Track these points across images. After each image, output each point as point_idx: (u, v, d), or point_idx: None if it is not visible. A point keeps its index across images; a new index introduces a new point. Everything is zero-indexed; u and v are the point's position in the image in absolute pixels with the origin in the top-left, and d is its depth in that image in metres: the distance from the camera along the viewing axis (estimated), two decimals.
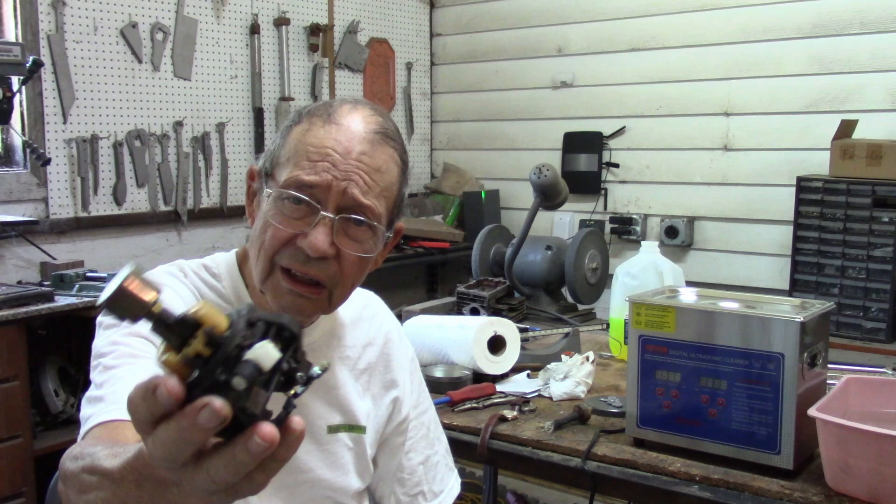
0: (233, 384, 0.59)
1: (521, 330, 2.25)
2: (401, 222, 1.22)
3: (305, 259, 1.08)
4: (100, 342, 1.10)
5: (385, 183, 1.13)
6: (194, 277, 1.20)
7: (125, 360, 1.05)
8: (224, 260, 1.23)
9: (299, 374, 0.64)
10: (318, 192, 1.08)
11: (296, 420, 0.63)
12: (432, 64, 5.06)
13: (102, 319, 1.12)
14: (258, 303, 1.20)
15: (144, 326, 0.63)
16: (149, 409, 0.60)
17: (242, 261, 1.23)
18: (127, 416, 0.80)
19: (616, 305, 2.23)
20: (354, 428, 1.25)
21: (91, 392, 1.05)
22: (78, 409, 1.09)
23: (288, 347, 0.63)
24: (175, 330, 0.61)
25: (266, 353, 0.60)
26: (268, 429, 0.60)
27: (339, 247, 1.09)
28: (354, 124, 1.12)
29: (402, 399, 1.33)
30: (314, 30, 4.33)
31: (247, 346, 0.60)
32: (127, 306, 0.62)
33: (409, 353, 1.38)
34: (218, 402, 0.58)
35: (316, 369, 0.65)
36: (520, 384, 1.99)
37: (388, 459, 1.33)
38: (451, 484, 1.40)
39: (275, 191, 1.10)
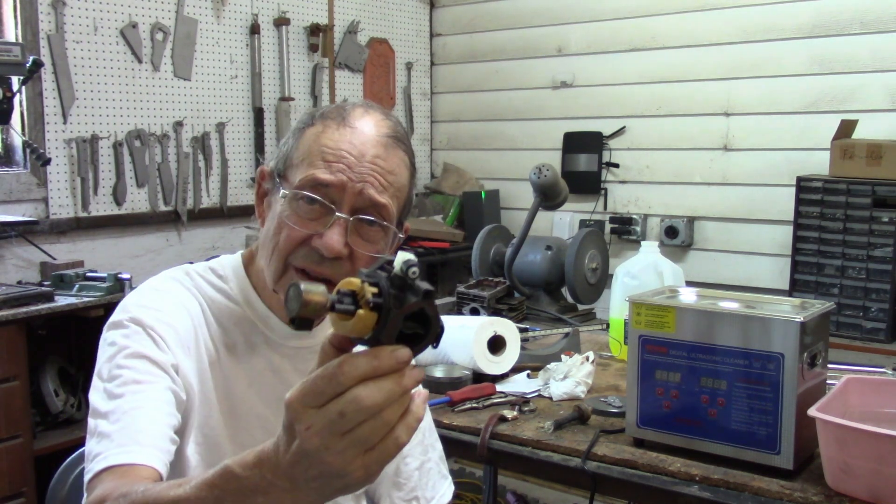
0: (415, 286, 0.73)
1: (521, 330, 2.25)
2: (407, 223, 1.24)
3: (320, 259, 1.11)
4: (102, 361, 1.11)
5: (397, 184, 1.15)
6: (200, 280, 1.22)
7: (130, 389, 1.05)
8: (230, 262, 1.25)
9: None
10: (332, 191, 1.10)
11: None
12: (432, 64, 5.06)
13: (107, 335, 1.13)
14: (268, 303, 1.22)
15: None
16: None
17: (248, 262, 1.24)
18: (139, 460, 0.98)
19: (616, 305, 2.23)
20: None
21: (96, 422, 1.04)
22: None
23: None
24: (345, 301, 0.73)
25: (403, 258, 0.74)
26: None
27: (353, 247, 1.12)
28: (368, 128, 1.14)
29: None
30: (314, 30, 4.33)
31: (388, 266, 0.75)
32: (312, 309, 0.72)
33: None
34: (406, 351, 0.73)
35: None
36: (520, 384, 1.99)
37: None
38: (443, 491, 1.41)
39: (290, 191, 1.12)
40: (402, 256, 0.74)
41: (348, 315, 0.72)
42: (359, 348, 0.74)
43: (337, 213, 1.10)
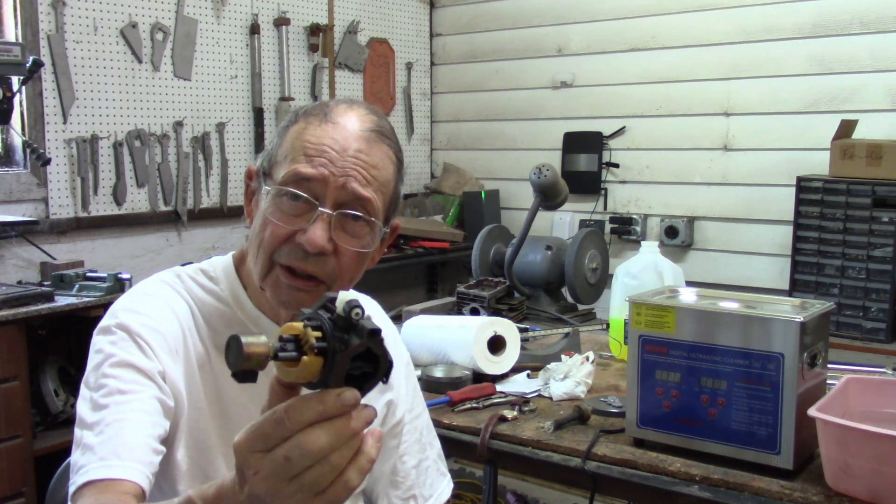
0: (361, 326, 0.72)
1: (521, 330, 2.25)
2: (397, 220, 1.23)
3: (304, 255, 1.10)
4: (89, 369, 1.11)
5: (382, 179, 1.14)
6: (190, 282, 1.22)
7: (115, 399, 1.06)
8: (221, 263, 1.25)
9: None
10: (315, 186, 1.10)
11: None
12: (432, 64, 5.06)
13: (95, 341, 1.13)
14: (257, 302, 1.21)
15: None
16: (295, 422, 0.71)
17: (239, 263, 1.24)
18: (120, 475, 0.99)
19: (616, 305, 2.23)
20: None
21: (82, 433, 1.06)
22: None
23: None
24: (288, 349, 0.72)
25: (345, 298, 0.74)
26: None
27: (337, 242, 1.11)
28: (350, 123, 1.13)
29: (396, 402, 1.33)
30: (314, 30, 4.33)
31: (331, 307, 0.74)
32: (255, 362, 0.71)
33: (403, 357, 1.38)
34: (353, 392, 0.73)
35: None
36: (520, 384, 1.99)
37: (382, 461, 1.33)
38: (442, 489, 1.41)
39: (273, 188, 1.12)
40: (345, 297, 0.73)
41: (293, 362, 0.72)
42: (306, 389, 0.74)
43: (320, 209, 1.09)
